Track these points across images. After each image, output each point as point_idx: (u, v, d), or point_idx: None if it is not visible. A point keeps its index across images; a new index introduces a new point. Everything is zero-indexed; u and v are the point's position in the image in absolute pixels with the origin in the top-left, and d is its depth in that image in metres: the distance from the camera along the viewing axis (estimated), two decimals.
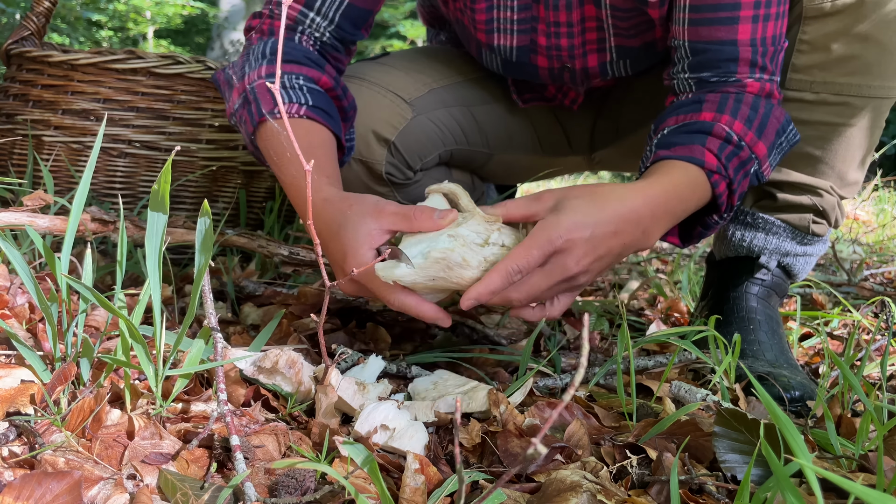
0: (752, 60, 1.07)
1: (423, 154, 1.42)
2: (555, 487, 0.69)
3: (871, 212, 3.97)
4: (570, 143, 1.62)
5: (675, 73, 1.14)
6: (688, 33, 1.10)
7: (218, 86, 1.23)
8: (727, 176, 1.01)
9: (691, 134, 1.03)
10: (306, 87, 1.09)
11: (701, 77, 1.10)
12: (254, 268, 1.53)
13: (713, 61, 1.08)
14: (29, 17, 1.66)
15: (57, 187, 1.60)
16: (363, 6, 1.22)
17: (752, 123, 1.04)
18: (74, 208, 0.84)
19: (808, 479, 0.48)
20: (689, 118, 1.05)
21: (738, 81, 1.08)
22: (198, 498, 0.63)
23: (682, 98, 1.14)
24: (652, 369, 1.11)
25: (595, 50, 1.30)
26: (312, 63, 1.14)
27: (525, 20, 1.27)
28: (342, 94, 1.17)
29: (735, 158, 1.02)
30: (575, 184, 6.88)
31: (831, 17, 1.10)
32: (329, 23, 1.20)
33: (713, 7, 1.07)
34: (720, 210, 1.04)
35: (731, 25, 1.06)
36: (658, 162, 1.02)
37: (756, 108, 1.05)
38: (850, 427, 0.92)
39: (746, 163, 1.04)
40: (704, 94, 1.08)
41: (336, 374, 0.85)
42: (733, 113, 1.04)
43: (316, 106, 1.07)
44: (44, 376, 0.79)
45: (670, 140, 1.04)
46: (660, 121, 1.11)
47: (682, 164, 0.99)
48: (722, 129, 1.02)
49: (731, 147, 1.02)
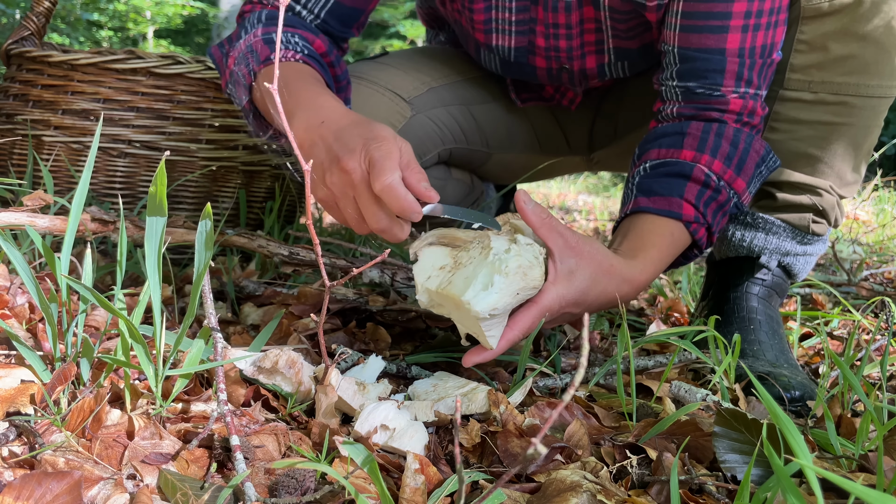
0: (739, 73, 1.10)
1: (422, 152, 1.42)
2: (555, 487, 0.69)
3: (871, 212, 3.97)
4: (569, 143, 1.62)
5: (664, 79, 1.17)
6: (678, 39, 1.12)
7: (213, 60, 1.24)
8: (705, 222, 1.08)
9: (671, 178, 1.08)
10: (301, 43, 1.12)
11: (688, 86, 1.13)
12: (254, 268, 1.53)
13: (700, 71, 1.11)
14: (29, 17, 1.66)
15: (57, 187, 1.60)
16: (352, 5, 1.22)
17: (731, 161, 1.09)
18: (74, 208, 0.84)
19: (809, 479, 0.48)
20: (671, 155, 1.11)
21: (723, 97, 1.11)
22: (198, 498, 0.63)
23: (667, 109, 1.17)
24: (652, 369, 1.11)
25: (593, 52, 1.30)
26: (307, 28, 1.17)
27: (523, 21, 1.27)
28: (335, 62, 1.18)
29: (713, 203, 1.09)
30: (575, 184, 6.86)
31: (829, 16, 1.11)
32: (315, 17, 1.22)
33: (705, 15, 1.09)
34: (701, 248, 1.12)
35: (721, 34, 1.08)
36: (640, 214, 1.08)
37: (736, 144, 1.10)
38: (850, 427, 0.92)
39: (724, 204, 1.10)
40: (688, 124, 1.12)
41: (336, 374, 0.85)
42: (713, 152, 1.09)
43: (311, 56, 1.10)
44: (44, 376, 0.79)
45: (651, 186, 1.09)
46: (644, 146, 1.16)
47: (665, 223, 1.06)
48: (701, 171, 1.08)
49: (710, 192, 1.08)
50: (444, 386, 0.93)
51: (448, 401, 0.86)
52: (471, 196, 1.64)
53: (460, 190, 1.60)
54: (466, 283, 0.85)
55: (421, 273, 0.91)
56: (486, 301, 0.83)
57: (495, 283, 0.84)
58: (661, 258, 1.05)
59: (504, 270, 0.84)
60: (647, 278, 1.02)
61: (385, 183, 0.84)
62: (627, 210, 1.11)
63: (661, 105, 1.18)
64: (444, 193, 1.54)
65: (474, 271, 0.85)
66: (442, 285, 0.87)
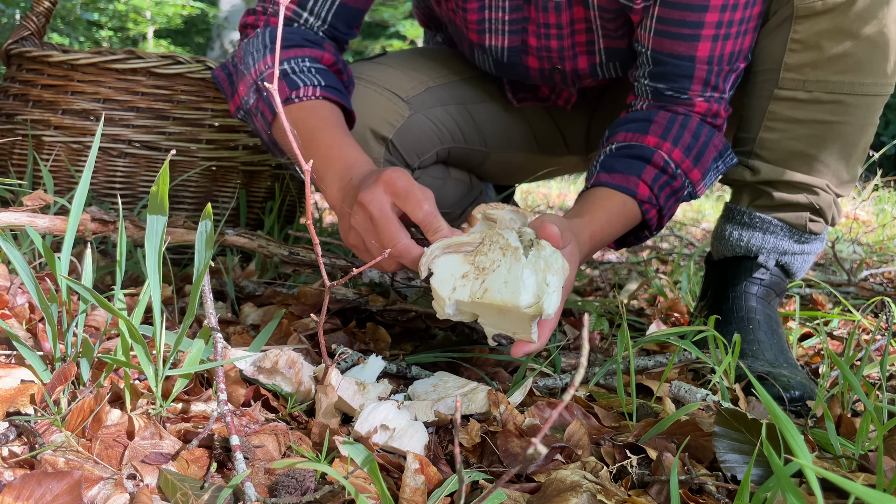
0: (706, 79, 1.15)
1: (420, 152, 1.42)
2: (555, 487, 0.69)
3: (871, 212, 3.97)
4: (567, 143, 1.62)
5: (637, 76, 1.22)
6: (652, 42, 1.17)
7: (218, 83, 1.24)
8: (657, 204, 1.13)
9: (632, 160, 1.13)
10: (314, 68, 1.13)
11: (658, 87, 1.18)
12: (254, 268, 1.53)
13: (671, 75, 1.17)
14: (29, 17, 1.66)
15: (57, 187, 1.60)
16: (356, 6, 1.24)
17: (690, 151, 1.14)
18: (74, 208, 0.84)
19: (809, 479, 0.48)
20: (636, 139, 1.16)
21: (689, 100, 1.17)
22: (198, 498, 0.63)
23: (638, 104, 1.22)
24: (652, 369, 1.11)
25: (584, 52, 1.31)
26: (312, 44, 1.17)
27: (516, 21, 1.28)
28: (343, 68, 1.21)
29: (668, 188, 1.14)
30: (575, 184, 6.87)
31: (823, 15, 1.11)
32: (322, 22, 1.22)
33: (678, 23, 1.13)
34: (650, 229, 1.18)
35: (693, 42, 1.13)
36: (598, 187, 1.13)
37: (697, 136, 1.15)
38: (850, 427, 0.92)
39: (678, 190, 1.15)
40: (655, 113, 1.17)
41: (336, 373, 0.85)
42: (675, 141, 1.14)
43: (328, 86, 1.11)
44: (44, 376, 0.79)
45: (613, 165, 1.14)
46: (613, 129, 1.21)
47: (617, 194, 1.11)
48: (661, 157, 1.13)
49: (666, 177, 1.13)
50: (444, 386, 0.93)
51: (448, 401, 0.86)
52: (469, 195, 1.64)
53: (459, 189, 1.60)
54: (511, 287, 0.84)
55: (443, 286, 0.88)
56: (550, 303, 0.83)
57: (550, 283, 0.84)
58: (608, 220, 1.09)
59: (555, 270, 0.85)
60: (589, 234, 1.04)
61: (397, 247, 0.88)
62: (589, 185, 1.15)
63: (634, 99, 1.24)
64: (443, 193, 1.54)
65: (512, 274, 0.84)
66: (477, 294, 0.85)
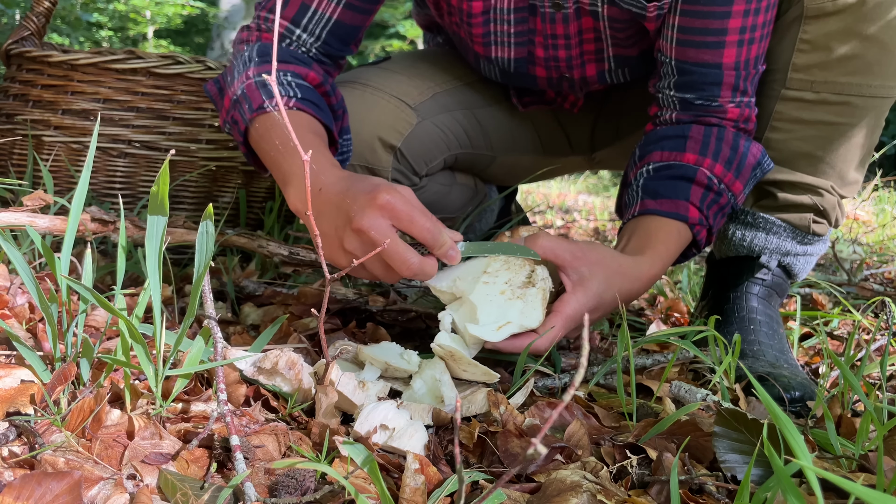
0: (735, 84, 1.14)
1: (428, 159, 1.42)
2: (555, 487, 0.69)
3: (871, 212, 3.97)
4: (571, 144, 1.62)
5: (661, 87, 1.20)
6: (675, 52, 1.15)
7: (211, 97, 1.24)
8: (707, 224, 1.13)
9: (675, 181, 1.12)
10: (294, 82, 1.11)
11: (686, 98, 1.17)
12: (254, 268, 1.52)
13: (698, 84, 1.15)
14: (29, 17, 1.66)
15: (57, 187, 1.60)
16: (351, 23, 1.21)
17: (731, 165, 1.13)
18: (74, 208, 0.84)
19: (809, 480, 0.48)
20: (674, 158, 1.14)
21: (721, 107, 1.15)
22: (198, 498, 0.62)
23: (665, 115, 1.20)
24: (651, 367, 1.11)
25: (593, 60, 1.31)
26: (298, 61, 1.15)
27: (522, 33, 1.27)
28: (331, 91, 1.18)
29: (715, 206, 1.13)
30: (576, 184, 6.85)
31: (832, 16, 1.11)
32: (315, 39, 1.20)
33: (701, 31, 1.11)
34: (699, 247, 1.17)
35: (718, 49, 1.12)
36: (646, 216, 1.12)
37: (736, 148, 1.14)
38: (850, 427, 0.92)
39: (725, 206, 1.15)
40: (689, 128, 1.15)
41: (336, 369, 0.85)
42: (715, 155, 1.13)
43: (305, 98, 1.09)
44: (44, 376, 0.79)
45: (656, 188, 1.13)
46: (645, 147, 1.19)
47: (671, 223, 1.11)
48: (704, 174, 1.12)
49: (713, 195, 1.13)
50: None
51: (448, 401, 0.86)
52: (475, 199, 1.64)
53: (465, 194, 1.60)
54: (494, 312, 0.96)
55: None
56: (530, 318, 0.96)
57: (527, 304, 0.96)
58: (668, 254, 1.10)
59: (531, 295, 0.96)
60: (656, 272, 1.07)
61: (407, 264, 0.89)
62: (635, 212, 1.14)
63: (659, 110, 1.21)
64: (450, 199, 1.55)
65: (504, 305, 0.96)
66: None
